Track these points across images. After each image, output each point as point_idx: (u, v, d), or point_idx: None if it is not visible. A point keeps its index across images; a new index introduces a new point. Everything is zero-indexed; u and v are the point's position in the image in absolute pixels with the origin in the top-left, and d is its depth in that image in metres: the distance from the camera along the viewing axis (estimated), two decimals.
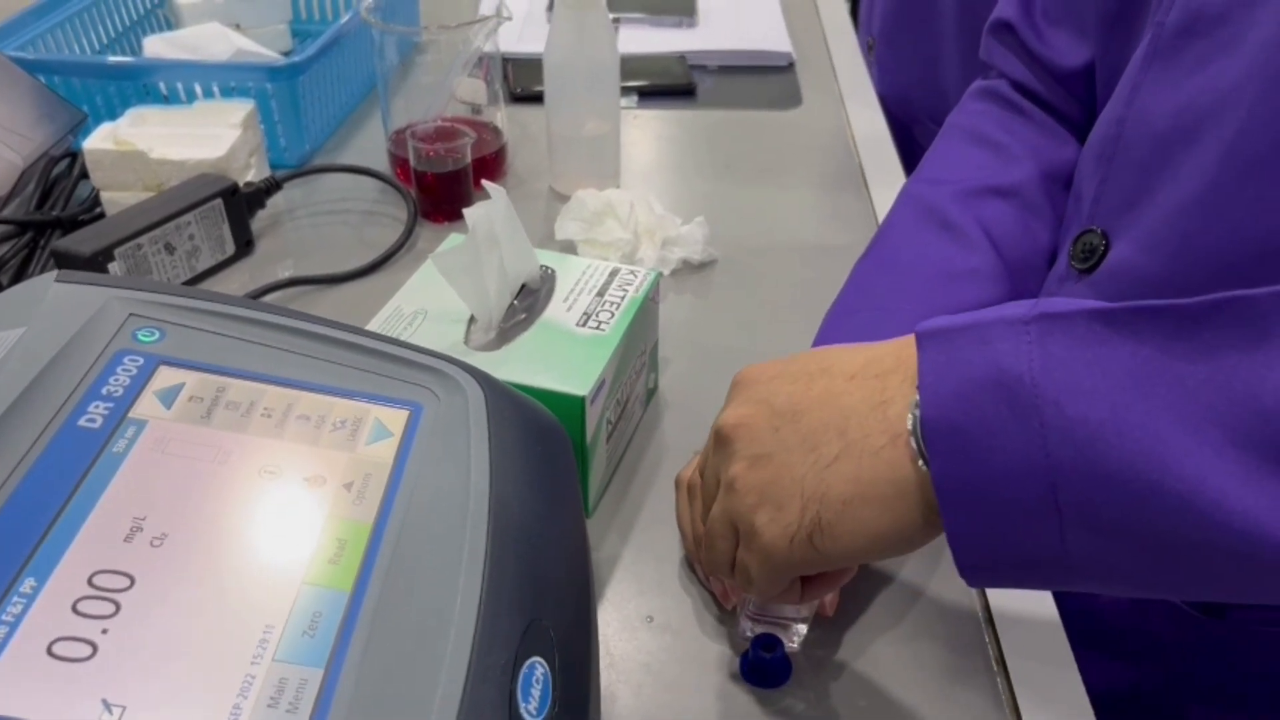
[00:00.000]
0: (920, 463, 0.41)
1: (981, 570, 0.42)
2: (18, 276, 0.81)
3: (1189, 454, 0.36)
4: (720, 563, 0.50)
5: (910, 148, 1.14)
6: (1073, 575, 0.40)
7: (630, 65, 1.14)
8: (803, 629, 0.54)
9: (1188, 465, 0.36)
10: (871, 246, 0.71)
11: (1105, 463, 0.37)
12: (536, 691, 0.37)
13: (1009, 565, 0.41)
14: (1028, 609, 0.57)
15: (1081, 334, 0.39)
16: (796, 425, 0.45)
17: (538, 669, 0.37)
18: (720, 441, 0.48)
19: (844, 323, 0.67)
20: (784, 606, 0.54)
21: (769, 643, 0.53)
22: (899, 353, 0.45)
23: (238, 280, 0.85)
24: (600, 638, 0.55)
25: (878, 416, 0.43)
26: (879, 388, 0.44)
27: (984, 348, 0.40)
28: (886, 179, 1.00)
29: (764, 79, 1.21)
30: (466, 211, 0.62)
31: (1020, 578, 0.42)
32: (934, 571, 0.60)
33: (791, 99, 1.16)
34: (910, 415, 0.42)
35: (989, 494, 0.39)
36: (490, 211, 0.63)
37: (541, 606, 0.39)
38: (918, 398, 0.41)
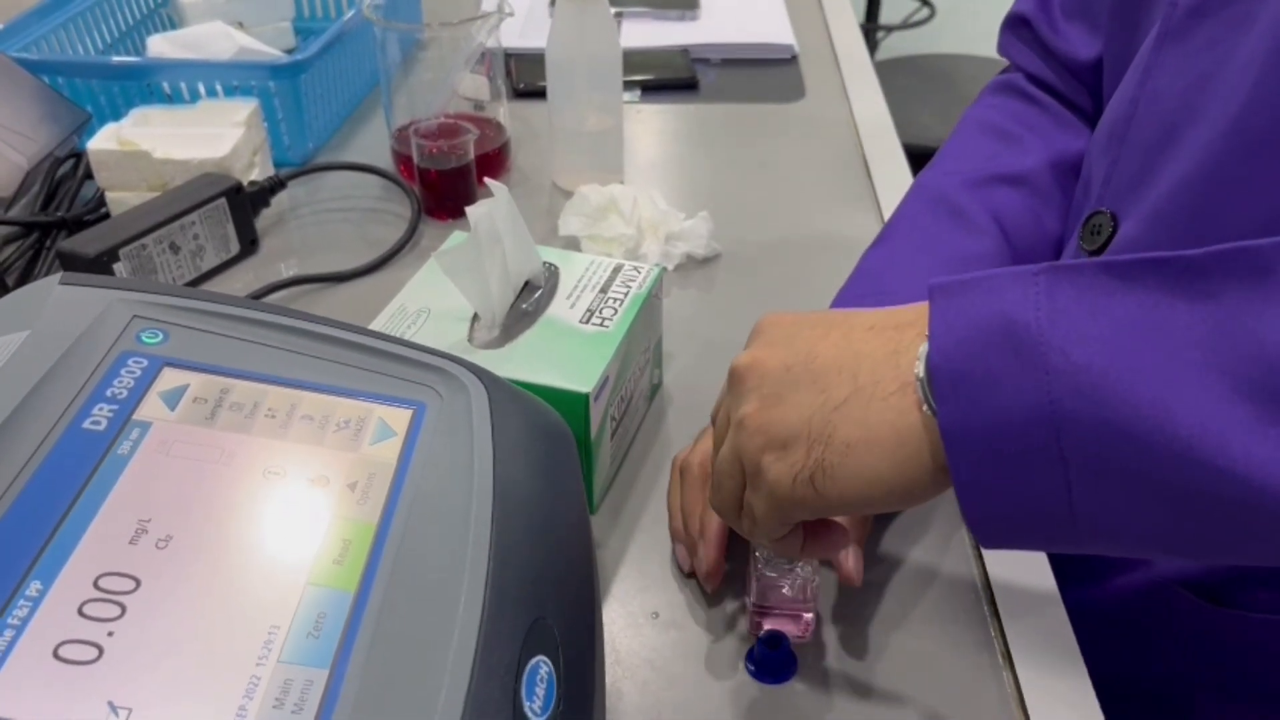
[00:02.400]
0: (926, 409, 0.42)
1: (989, 524, 0.42)
2: (24, 277, 0.81)
3: (1193, 401, 0.36)
4: (727, 504, 0.49)
5: None
6: (1079, 530, 0.40)
7: (632, 59, 1.14)
8: (810, 617, 0.55)
9: (1192, 412, 0.36)
10: (880, 235, 0.72)
11: (1110, 409, 0.37)
12: (541, 690, 0.37)
13: (1016, 517, 0.41)
14: (1034, 602, 0.57)
15: (1089, 283, 0.39)
16: (809, 366, 0.45)
17: (542, 668, 0.37)
18: (734, 380, 0.48)
19: (850, 307, 0.67)
20: (786, 591, 0.54)
21: (774, 638, 0.53)
22: (919, 309, 0.45)
23: (242, 279, 0.85)
24: (605, 634, 0.55)
25: (890, 364, 0.44)
26: (895, 338, 0.44)
27: (992, 297, 0.40)
28: (891, 171, 0.99)
29: (767, 72, 1.20)
30: (469, 210, 0.62)
31: (1028, 533, 0.42)
32: (939, 565, 0.60)
33: (795, 91, 1.16)
34: (919, 362, 0.42)
35: (995, 440, 0.39)
36: (492, 209, 0.63)
37: (545, 605, 0.39)
38: (927, 346, 0.42)
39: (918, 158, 1.07)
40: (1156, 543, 0.41)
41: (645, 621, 0.57)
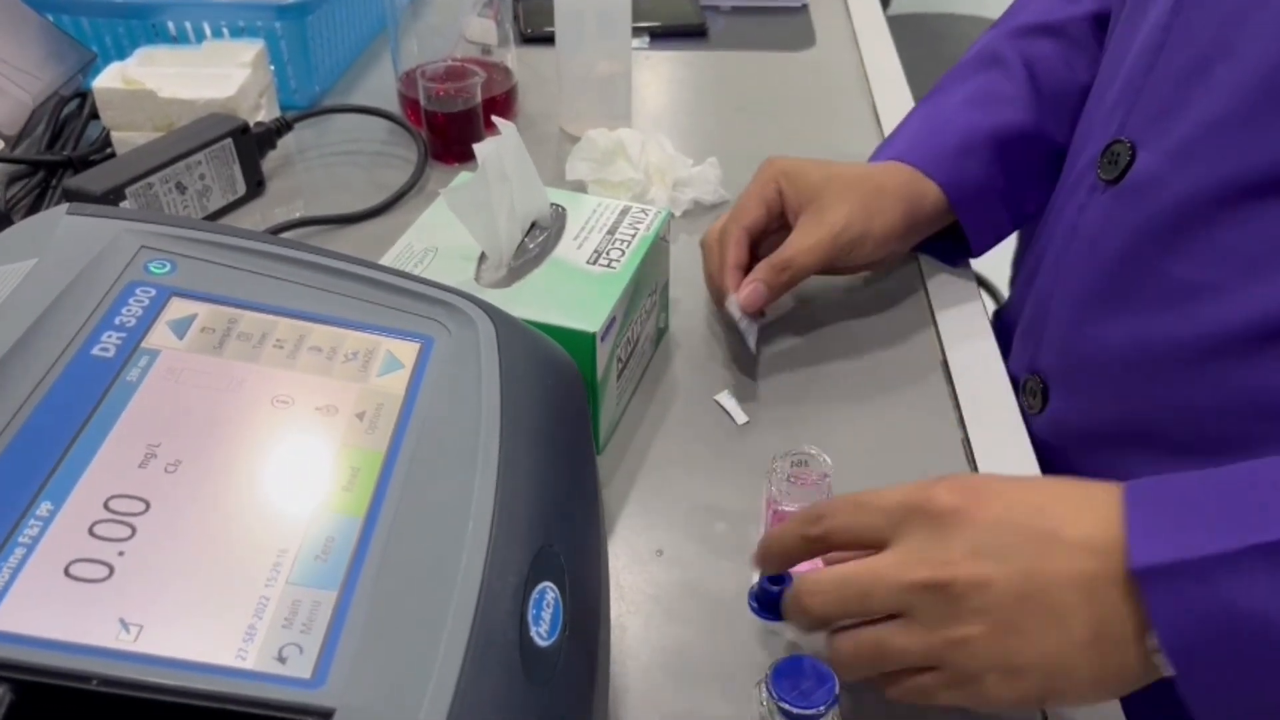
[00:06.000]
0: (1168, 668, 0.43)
1: None
2: (29, 215, 0.81)
3: None
4: (875, 669, 0.47)
5: None
6: None
7: (641, 6, 1.12)
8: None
9: None
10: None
11: None
12: (547, 614, 0.37)
13: None
14: None
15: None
16: (1045, 598, 0.44)
17: (548, 593, 0.38)
18: (953, 593, 0.45)
19: (895, 136, 0.78)
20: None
21: (777, 576, 0.53)
22: (1120, 516, 0.45)
23: (249, 220, 0.85)
24: (610, 570, 0.55)
25: (1127, 604, 0.43)
26: (1116, 573, 0.44)
27: (1209, 588, 0.41)
28: (900, 119, 0.98)
29: (777, 20, 1.19)
30: (477, 147, 0.62)
31: None
32: None
33: (805, 40, 1.15)
34: (1154, 640, 0.43)
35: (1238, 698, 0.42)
36: (501, 148, 0.63)
37: (552, 533, 0.40)
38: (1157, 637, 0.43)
39: None
40: None
41: (650, 558, 0.57)
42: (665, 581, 0.56)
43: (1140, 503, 0.44)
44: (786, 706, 0.43)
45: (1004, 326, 0.77)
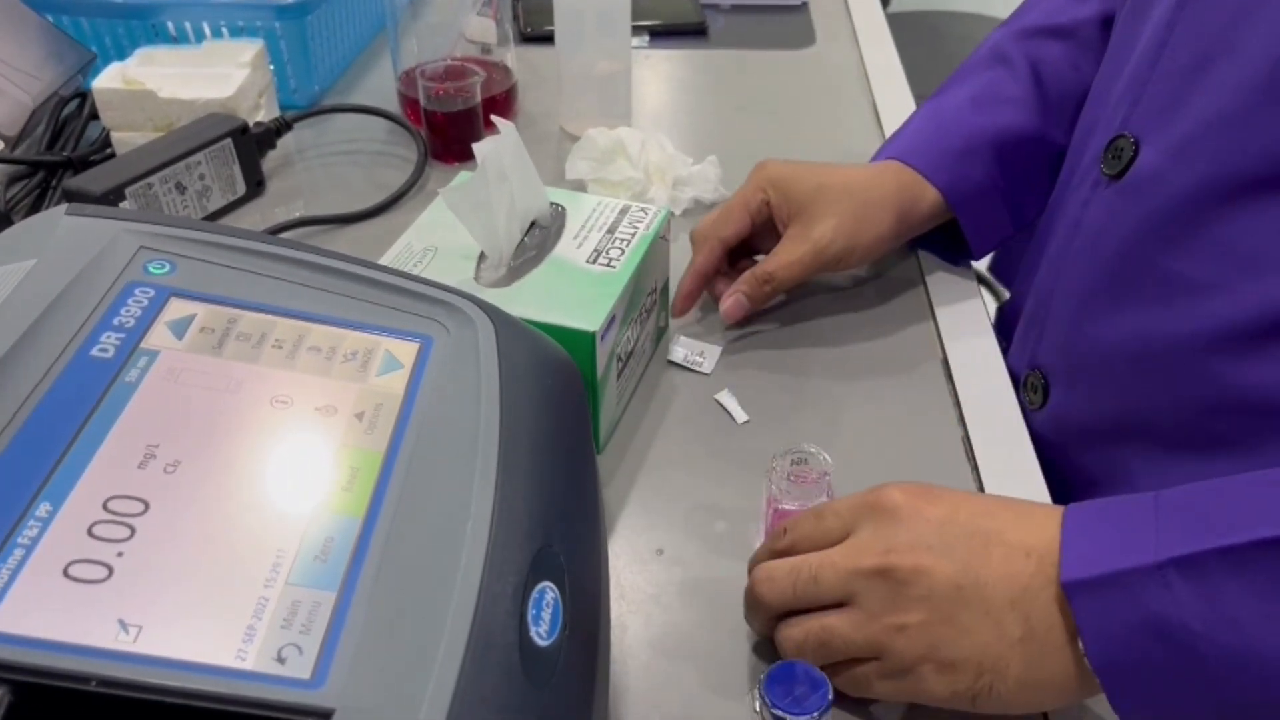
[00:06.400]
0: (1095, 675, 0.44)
1: None
2: (29, 216, 0.81)
3: None
4: (821, 657, 0.48)
5: None
6: None
7: (641, 4, 1.12)
8: None
9: None
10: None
11: (1259, 676, 0.41)
12: (547, 615, 0.37)
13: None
14: None
15: (1213, 573, 0.41)
16: (980, 592, 0.46)
17: (548, 593, 0.38)
18: (895, 579, 0.47)
19: (899, 134, 0.78)
20: None
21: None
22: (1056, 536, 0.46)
23: (249, 220, 0.85)
24: (610, 570, 0.55)
25: (1060, 610, 0.45)
26: (1052, 576, 0.45)
27: (1132, 599, 0.43)
28: (901, 118, 0.98)
29: (777, 18, 1.19)
30: (476, 146, 0.62)
31: None
32: None
33: (805, 38, 1.15)
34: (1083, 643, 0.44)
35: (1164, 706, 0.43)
36: (500, 147, 0.63)
37: (551, 533, 0.40)
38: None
39: None
40: None
41: (650, 558, 0.57)
42: (665, 581, 0.56)
43: (1078, 518, 0.46)
44: (780, 713, 0.43)
45: (1006, 323, 0.77)
